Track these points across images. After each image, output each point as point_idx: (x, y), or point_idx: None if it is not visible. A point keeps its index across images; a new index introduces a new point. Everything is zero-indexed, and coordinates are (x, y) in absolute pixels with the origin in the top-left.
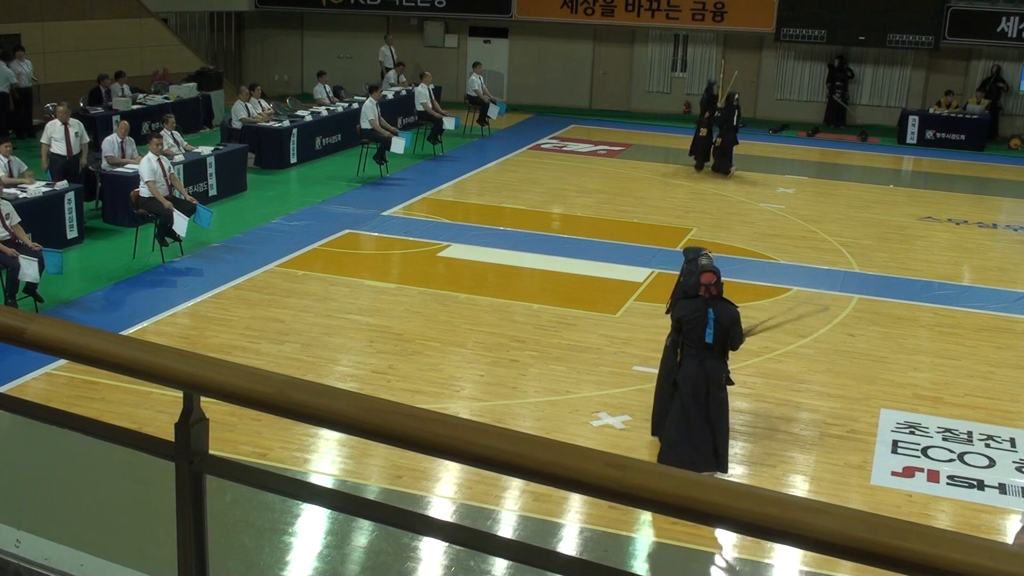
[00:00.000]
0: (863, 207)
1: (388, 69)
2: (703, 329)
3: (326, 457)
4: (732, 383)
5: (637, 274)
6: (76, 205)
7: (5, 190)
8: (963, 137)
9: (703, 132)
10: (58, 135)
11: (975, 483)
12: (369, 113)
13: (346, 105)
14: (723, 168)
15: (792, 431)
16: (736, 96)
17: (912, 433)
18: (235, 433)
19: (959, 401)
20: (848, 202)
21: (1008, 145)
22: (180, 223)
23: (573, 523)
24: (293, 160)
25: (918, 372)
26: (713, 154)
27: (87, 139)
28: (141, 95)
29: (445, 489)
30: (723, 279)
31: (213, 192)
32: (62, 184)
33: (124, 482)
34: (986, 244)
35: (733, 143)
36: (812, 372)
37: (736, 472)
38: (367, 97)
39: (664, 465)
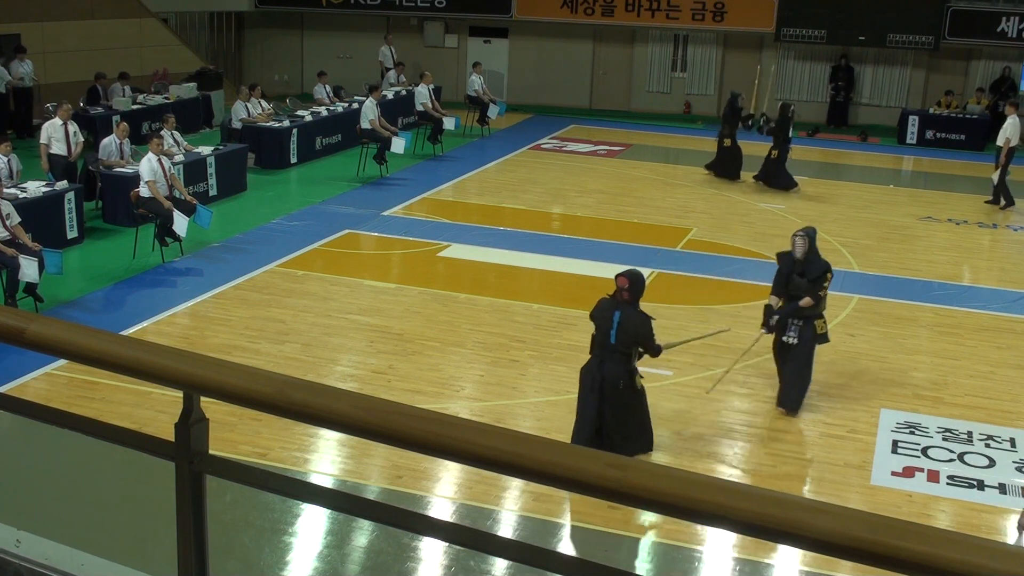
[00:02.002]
0: (863, 207)
1: (388, 69)
2: (608, 330)
3: (326, 457)
4: (636, 388)
5: None
6: (76, 205)
7: (5, 190)
8: (963, 137)
9: (727, 143)
10: (58, 135)
11: (975, 483)
12: (369, 113)
13: (346, 105)
14: (787, 183)
15: (792, 431)
16: (792, 108)
17: (912, 433)
18: (235, 433)
19: (959, 401)
20: (848, 202)
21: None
22: (180, 223)
23: (573, 523)
24: (293, 160)
25: (918, 372)
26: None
27: (81, 138)
28: (141, 95)
29: (445, 489)
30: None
31: (213, 192)
32: (62, 184)
33: (124, 482)
34: (986, 244)
35: (786, 156)
36: (812, 372)
37: (736, 472)
38: (367, 97)
39: (664, 465)
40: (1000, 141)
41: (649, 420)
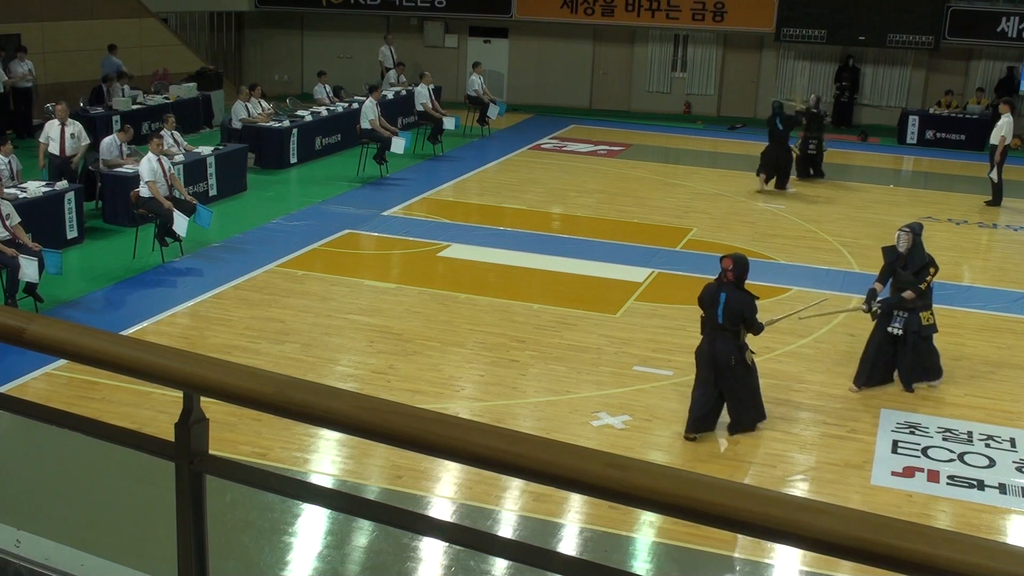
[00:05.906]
0: (863, 207)
1: (388, 69)
2: (715, 311)
3: (326, 457)
4: (750, 362)
5: (637, 274)
6: (76, 205)
7: (5, 190)
8: (963, 137)
9: (812, 147)
10: (54, 135)
11: (975, 483)
12: (369, 113)
13: (346, 105)
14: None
15: (792, 431)
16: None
17: (912, 433)
18: (235, 433)
19: (959, 401)
20: (848, 202)
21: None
22: (180, 223)
23: (573, 523)
24: (293, 160)
25: None
26: (815, 163)
27: (87, 140)
28: (141, 95)
29: (445, 489)
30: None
31: (213, 192)
32: (62, 184)
33: (124, 482)
34: (986, 244)
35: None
36: (812, 372)
37: (736, 472)
38: (367, 97)
39: (664, 465)
40: (995, 139)
41: (759, 391)
